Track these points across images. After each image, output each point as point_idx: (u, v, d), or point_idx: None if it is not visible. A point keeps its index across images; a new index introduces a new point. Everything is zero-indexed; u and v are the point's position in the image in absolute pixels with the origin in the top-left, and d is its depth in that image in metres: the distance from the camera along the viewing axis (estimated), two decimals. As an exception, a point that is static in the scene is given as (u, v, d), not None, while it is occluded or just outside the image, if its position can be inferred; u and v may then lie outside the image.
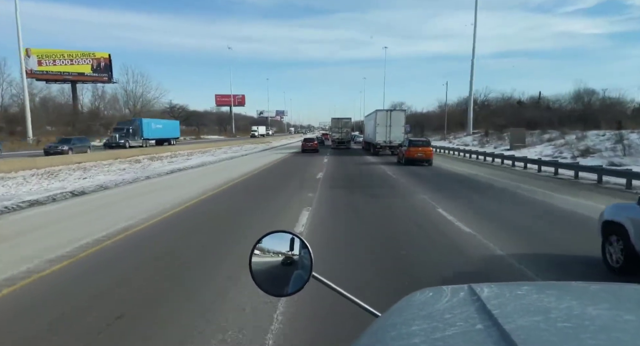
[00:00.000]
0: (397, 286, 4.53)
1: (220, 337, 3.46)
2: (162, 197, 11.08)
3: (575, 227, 7.78)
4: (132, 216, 8.34)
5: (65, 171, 17.80)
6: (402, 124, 30.45)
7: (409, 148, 22.16)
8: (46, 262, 5.48)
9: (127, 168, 19.28)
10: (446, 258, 5.76)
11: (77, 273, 5.17)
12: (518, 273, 5.04)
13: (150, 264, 5.48)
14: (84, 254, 5.88)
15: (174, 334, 3.54)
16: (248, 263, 1.37)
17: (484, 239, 6.62)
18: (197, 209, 9.42)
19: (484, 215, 8.71)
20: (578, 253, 5.95)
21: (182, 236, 7.08)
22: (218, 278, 4.87)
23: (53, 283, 4.81)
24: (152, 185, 14.06)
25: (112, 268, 5.36)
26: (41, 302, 4.26)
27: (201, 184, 13.85)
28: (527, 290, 1.19)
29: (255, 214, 8.82)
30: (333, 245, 6.36)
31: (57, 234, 7.11)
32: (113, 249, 6.18)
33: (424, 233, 7.19)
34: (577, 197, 11.50)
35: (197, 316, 3.85)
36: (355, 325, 3.22)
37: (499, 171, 19.80)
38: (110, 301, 4.22)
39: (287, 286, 1.36)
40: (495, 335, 0.79)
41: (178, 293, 4.47)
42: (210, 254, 5.90)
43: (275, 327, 3.64)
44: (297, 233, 1.43)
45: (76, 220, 8.39)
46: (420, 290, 1.21)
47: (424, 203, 10.13)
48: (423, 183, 14.51)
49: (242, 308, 4.04)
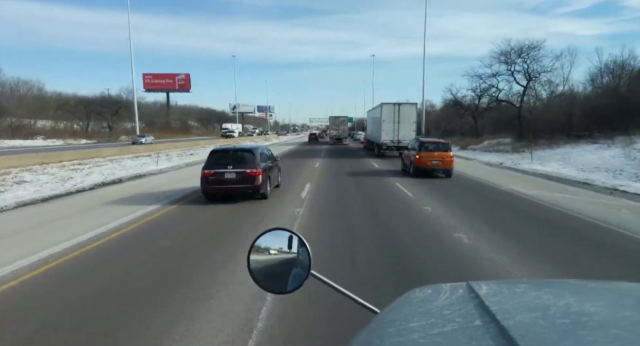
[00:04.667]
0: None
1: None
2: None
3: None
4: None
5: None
6: (412, 120, 25.45)
7: (420, 153, 15.47)
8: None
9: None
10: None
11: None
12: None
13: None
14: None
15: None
16: (246, 260, 1.37)
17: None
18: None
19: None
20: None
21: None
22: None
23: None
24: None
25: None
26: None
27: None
28: (525, 288, 1.18)
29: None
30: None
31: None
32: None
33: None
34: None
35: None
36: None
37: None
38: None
39: (285, 283, 1.36)
40: (494, 331, 0.79)
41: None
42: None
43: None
44: (295, 231, 1.42)
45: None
46: (419, 287, 1.21)
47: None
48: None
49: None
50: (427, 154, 15.42)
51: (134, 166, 19.54)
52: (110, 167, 18.90)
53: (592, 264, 5.60)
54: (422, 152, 15.54)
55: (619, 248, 6.35)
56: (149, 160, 22.81)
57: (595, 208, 9.27)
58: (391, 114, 25.36)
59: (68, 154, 22.86)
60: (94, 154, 24.84)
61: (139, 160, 23.22)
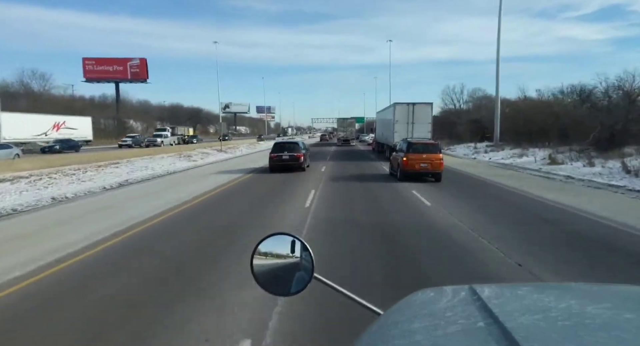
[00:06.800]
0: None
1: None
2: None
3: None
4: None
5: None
6: (428, 121, 24.06)
7: (408, 155, 14.42)
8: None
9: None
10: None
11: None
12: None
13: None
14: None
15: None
16: (250, 265, 1.39)
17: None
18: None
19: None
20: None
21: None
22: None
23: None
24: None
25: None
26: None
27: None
28: (527, 291, 1.19)
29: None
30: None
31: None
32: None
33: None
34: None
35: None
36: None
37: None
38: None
39: (289, 286, 1.38)
40: (497, 332, 0.79)
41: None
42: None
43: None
44: (297, 236, 1.43)
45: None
46: (422, 289, 1.22)
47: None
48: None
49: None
50: (416, 157, 14.34)
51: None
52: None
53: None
54: (410, 154, 14.43)
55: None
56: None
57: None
58: (405, 115, 24.08)
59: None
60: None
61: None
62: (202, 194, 12.01)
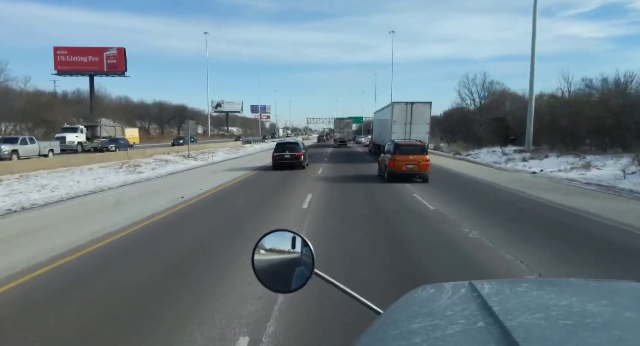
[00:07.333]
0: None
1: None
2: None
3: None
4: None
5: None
6: (426, 121, 23.53)
7: (395, 156, 14.62)
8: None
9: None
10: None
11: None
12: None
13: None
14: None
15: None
16: (251, 261, 1.40)
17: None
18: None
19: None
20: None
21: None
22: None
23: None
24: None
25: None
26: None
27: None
28: (527, 287, 1.19)
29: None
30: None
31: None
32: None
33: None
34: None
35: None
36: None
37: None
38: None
39: (289, 283, 1.39)
40: (497, 332, 0.79)
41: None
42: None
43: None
44: (298, 232, 1.44)
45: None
46: (422, 286, 1.22)
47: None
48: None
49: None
50: (402, 158, 14.48)
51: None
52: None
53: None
54: (396, 155, 14.62)
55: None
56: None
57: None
58: (403, 115, 23.43)
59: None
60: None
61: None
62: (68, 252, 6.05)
